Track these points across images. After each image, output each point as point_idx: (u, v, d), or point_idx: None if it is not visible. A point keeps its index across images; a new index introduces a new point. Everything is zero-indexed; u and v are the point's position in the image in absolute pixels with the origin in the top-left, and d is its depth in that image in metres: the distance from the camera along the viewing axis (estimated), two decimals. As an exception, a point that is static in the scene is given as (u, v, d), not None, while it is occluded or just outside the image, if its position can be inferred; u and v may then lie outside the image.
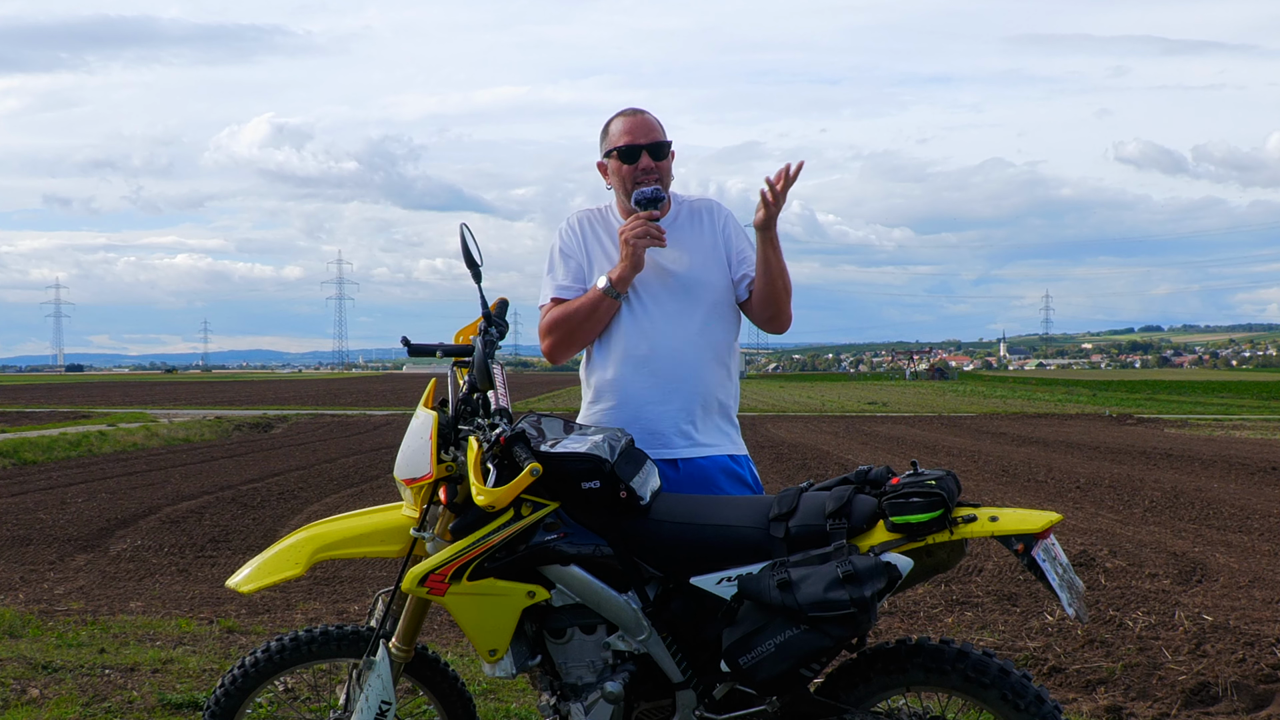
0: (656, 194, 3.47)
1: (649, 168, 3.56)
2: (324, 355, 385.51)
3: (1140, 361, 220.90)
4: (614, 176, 3.63)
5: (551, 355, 3.66)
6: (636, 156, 3.55)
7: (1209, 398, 49.50)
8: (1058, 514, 2.93)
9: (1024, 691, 2.89)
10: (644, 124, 3.59)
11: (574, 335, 3.59)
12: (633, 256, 3.43)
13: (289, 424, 28.69)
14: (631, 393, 3.55)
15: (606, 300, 3.51)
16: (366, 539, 3.24)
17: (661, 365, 3.53)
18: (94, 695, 5.07)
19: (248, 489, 13.45)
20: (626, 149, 3.56)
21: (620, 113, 3.65)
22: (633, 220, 3.45)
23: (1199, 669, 5.40)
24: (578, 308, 3.55)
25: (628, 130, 3.58)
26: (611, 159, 3.60)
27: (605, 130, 3.65)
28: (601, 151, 3.66)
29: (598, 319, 3.55)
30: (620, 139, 3.58)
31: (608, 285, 3.49)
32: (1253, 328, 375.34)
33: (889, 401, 45.87)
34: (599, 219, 3.71)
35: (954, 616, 6.84)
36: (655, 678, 3.08)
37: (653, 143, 3.57)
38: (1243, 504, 11.83)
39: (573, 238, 3.68)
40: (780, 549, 2.92)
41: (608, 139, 3.63)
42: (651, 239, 3.43)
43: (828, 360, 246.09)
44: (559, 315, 3.58)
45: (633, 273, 3.47)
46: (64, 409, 36.89)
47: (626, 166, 3.56)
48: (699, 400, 3.56)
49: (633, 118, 3.60)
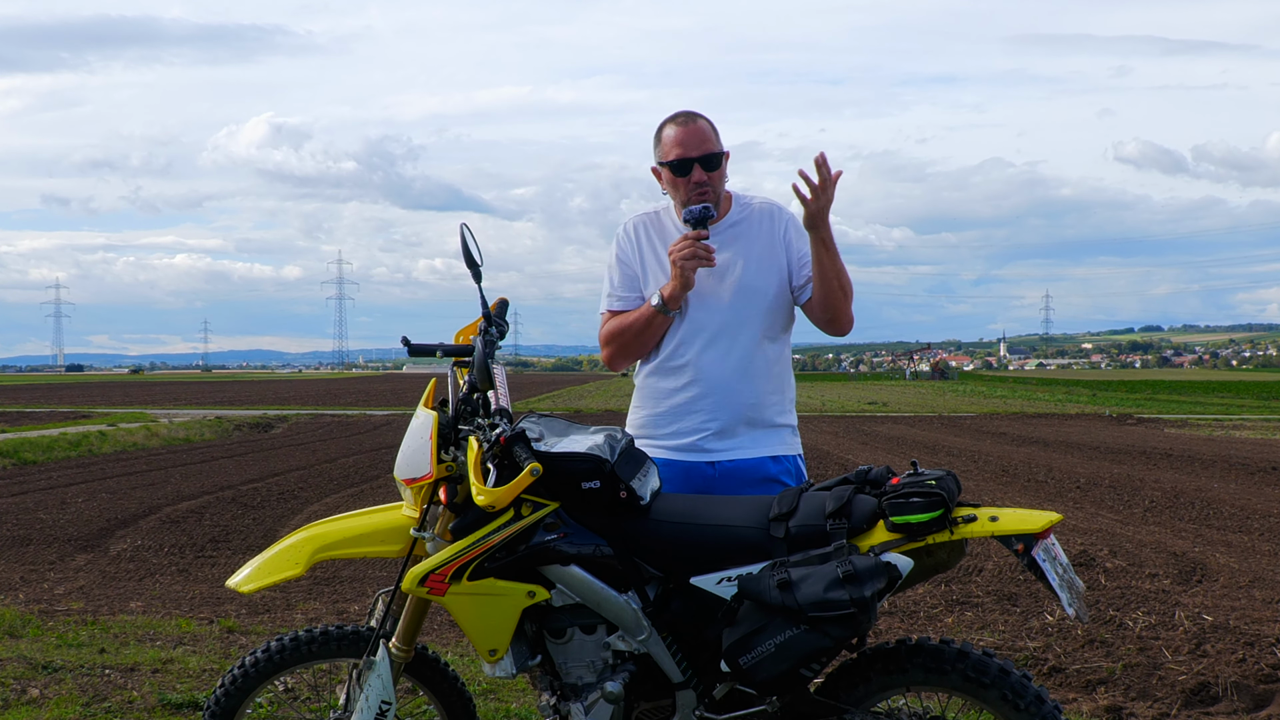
0: (706, 213, 3.39)
1: (702, 180, 3.47)
2: (324, 355, 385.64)
3: (1140, 361, 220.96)
4: (669, 186, 3.54)
5: (611, 363, 3.66)
6: (689, 170, 3.46)
7: (1209, 398, 49.49)
8: (1058, 514, 2.93)
9: (1024, 691, 2.89)
10: (696, 133, 3.46)
11: (629, 348, 3.60)
12: (682, 277, 3.39)
13: (289, 424, 28.69)
14: (677, 401, 3.54)
15: (659, 317, 3.49)
16: (366, 539, 3.24)
17: (717, 372, 3.51)
18: (94, 695, 5.07)
19: (248, 489, 13.45)
20: (678, 163, 3.46)
21: (672, 118, 3.52)
22: (681, 241, 3.39)
23: (1199, 669, 5.40)
24: (631, 322, 3.54)
25: (679, 141, 3.46)
26: (665, 170, 3.50)
27: (658, 136, 3.54)
28: (655, 158, 3.56)
29: (651, 333, 3.54)
30: (671, 151, 3.47)
31: (660, 303, 3.47)
32: (1253, 328, 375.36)
33: (889, 401, 45.87)
34: (654, 224, 3.65)
35: (954, 616, 6.84)
36: (655, 678, 3.08)
37: (705, 155, 3.46)
38: (1243, 504, 11.83)
39: (628, 245, 3.64)
40: (780, 549, 2.92)
41: (660, 148, 3.52)
42: (700, 260, 3.37)
43: (828, 360, 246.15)
44: (615, 328, 3.58)
45: (683, 292, 3.43)
46: (64, 409, 36.88)
47: (680, 179, 3.47)
48: (742, 412, 3.53)
49: (685, 127, 3.47)
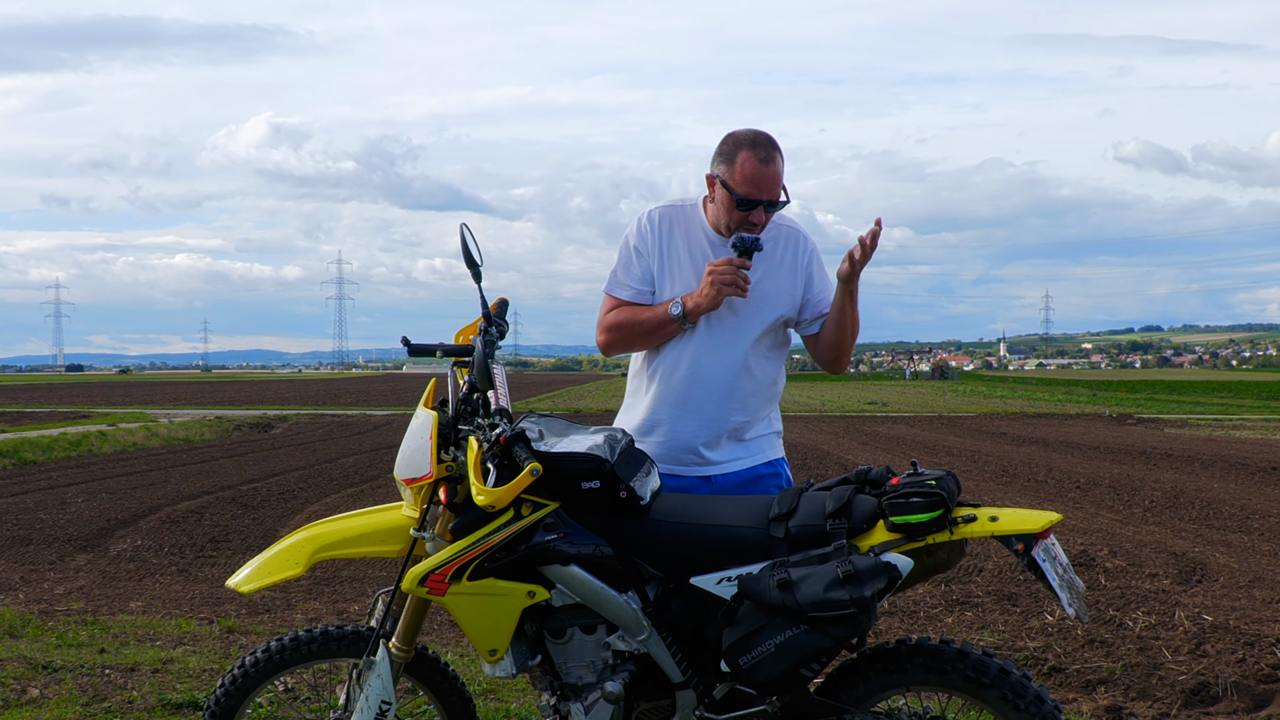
0: (756, 245, 3.36)
1: (758, 220, 3.43)
2: (324, 355, 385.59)
3: (1140, 361, 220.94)
4: (720, 206, 3.45)
5: (607, 350, 3.64)
6: (753, 208, 3.41)
7: (1209, 398, 49.49)
8: (1058, 514, 2.94)
9: (1024, 691, 2.90)
10: (772, 177, 3.38)
11: (633, 342, 3.58)
12: (714, 299, 3.37)
13: (289, 424, 28.69)
14: (670, 409, 3.53)
15: (674, 324, 3.47)
16: (366, 539, 3.25)
17: (716, 392, 3.50)
18: (94, 695, 5.07)
19: (248, 489, 13.44)
20: (745, 201, 3.38)
21: (751, 144, 3.39)
22: (725, 264, 3.35)
23: (1199, 669, 5.40)
24: (644, 320, 3.51)
25: (754, 180, 3.36)
26: (724, 192, 3.41)
27: (730, 154, 3.41)
28: (716, 168, 3.44)
29: (660, 336, 3.52)
30: (743, 185, 3.36)
31: (680, 313, 3.44)
32: (1253, 328, 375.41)
33: (889, 401, 45.86)
34: (681, 219, 3.57)
35: (954, 616, 6.84)
36: (655, 678, 3.08)
37: (771, 200, 3.42)
38: (1243, 504, 11.83)
39: (650, 234, 3.56)
40: (780, 549, 2.92)
41: (729, 169, 3.39)
42: (737, 289, 3.35)
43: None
44: (624, 319, 3.54)
45: (708, 310, 3.41)
46: (64, 409, 36.88)
47: (738, 212, 3.41)
48: (746, 425, 3.55)
49: (763, 167, 3.36)
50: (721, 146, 3.45)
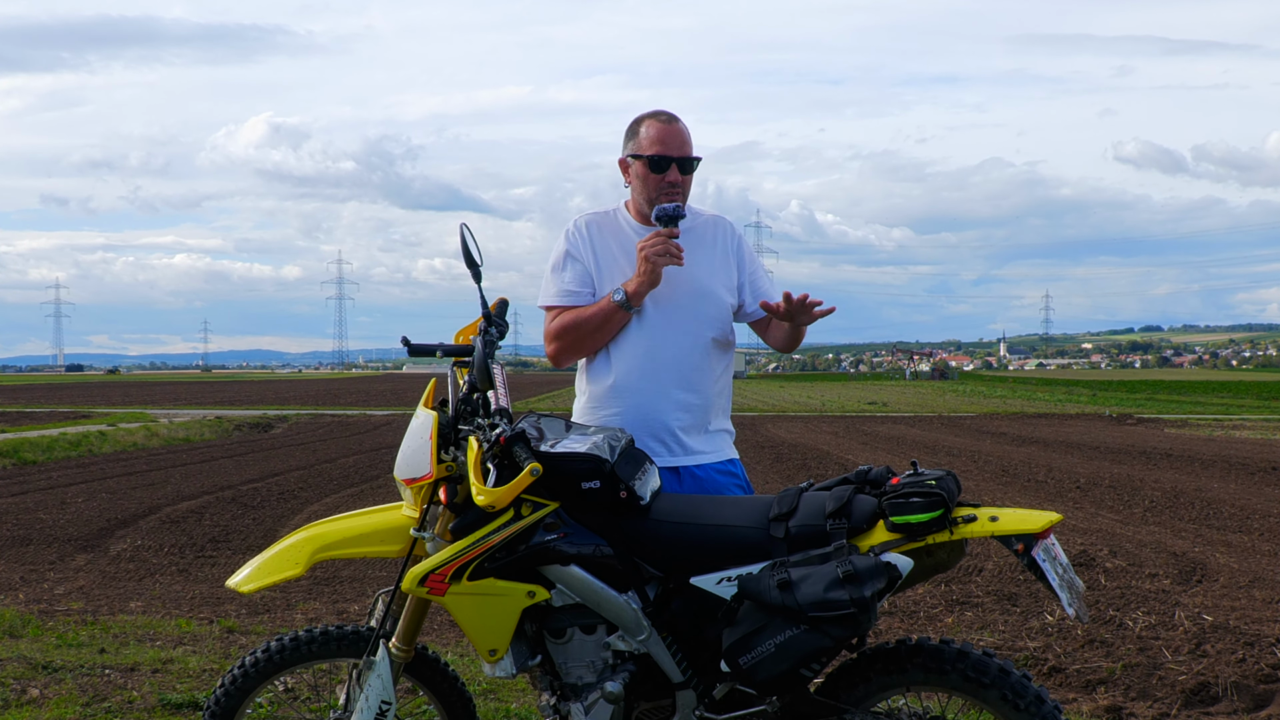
0: (678, 211, 3.43)
1: (675, 181, 3.51)
2: (324, 355, 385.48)
3: (1140, 361, 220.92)
4: (637, 180, 3.57)
5: (557, 359, 3.64)
6: (665, 168, 3.50)
7: (1209, 398, 49.49)
8: (1058, 514, 2.93)
9: (1024, 691, 2.89)
10: (677, 134, 3.52)
11: (582, 343, 3.57)
12: (651, 274, 3.41)
13: (289, 424, 28.69)
14: (632, 401, 3.53)
15: (620, 312, 3.49)
16: (366, 539, 3.25)
17: (663, 376, 3.52)
18: (94, 695, 5.07)
19: (248, 489, 13.45)
20: (657, 159, 3.50)
21: (653, 114, 3.56)
22: (654, 237, 3.42)
23: (1199, 669, 5.40)
24: (589, 316, 3.52)
25: (660, 139, 3.50)
26: (638, 163, 3.54)
27: (634, 130, 3.57)
28: (626, 150, 3.60)
29: (609, 329, 3.53)
30: (651, 147, 3.51)
31: (623, 298, 3.46)
32: (1253, 328, 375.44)
33: (889, 401, 45.86)
34: (607, 222, 3.66)
35: (954, 616, 6.84)
36: (655, 678, 3.08)
37: (684, 157, 3.52)
38: (1243, 504, 11.83)
39: (580, 241, 3.63)
40: (780, 549, 2.92)
41: (636, 141, 3.56)
42: (671, 257, 3.40)
43: (828, 360, 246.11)
44: (569, 321, 3.55)
45: (649, 288, 3.44)
46: (64, 409, 36.88)
47: (654, 176, 3.51)
48: (706, 411, 3.58)
49: (667, 126, 3.52)
50: (627, 131, 3.61)
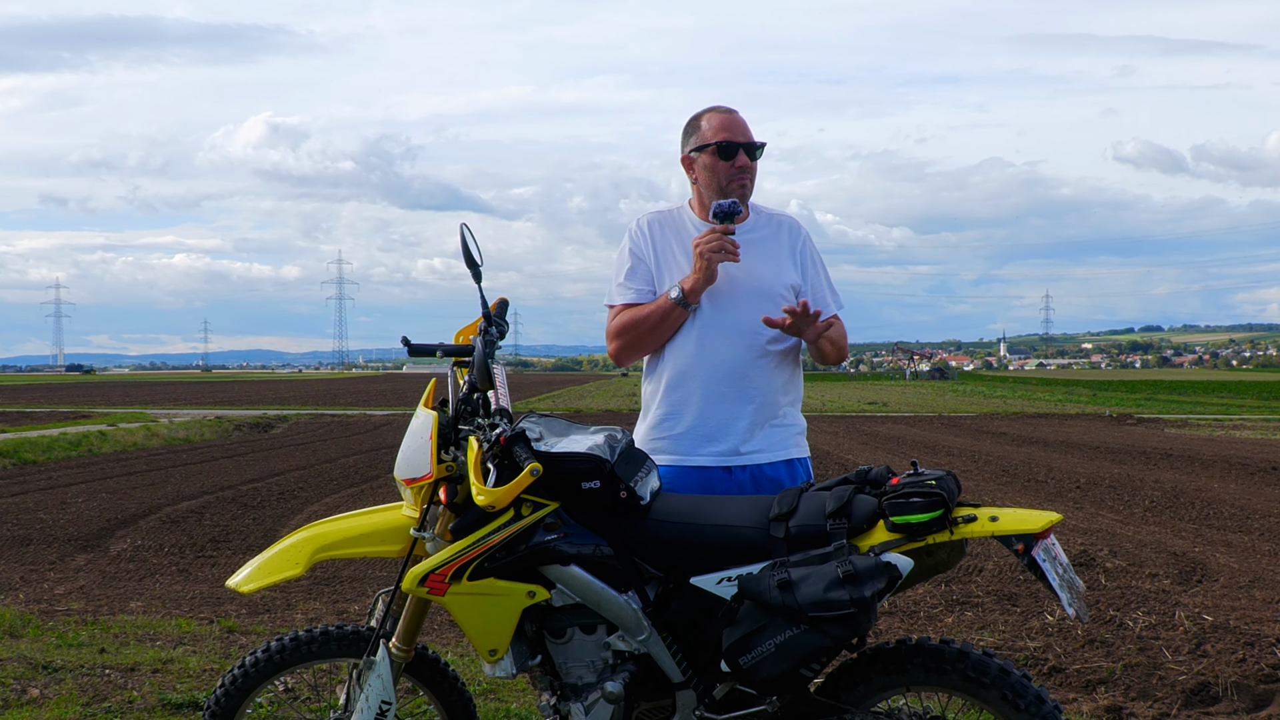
0: (734, 207, 3.43)
1: (745, 166, 3.53)
2: (324, 355, 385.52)
3: (1140, 361, 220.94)
4: (705, 172, 3.57)
5: (618, 358, 3.65)
6: (734, 154, 3.52)
7: (1209, 398, 49.49)
8: (1058, 514, 2.93)
9: (1024, 691, 2.89)
10: (739, 122, 3.56)
11: (642, 341, 3.58)
12: (706, 270, 3.41)
13: (289, 424, 28.69)
14: (695, 400, 3.53)
15: (677, 310, 3.49)
16: (366, 539, 3.24)
17: (727, 374, 3.51)
18: (94, 695, 5.07)
19: (248, 489, 13.45)
20: (726, 145, 3.51)
21: (713, 108, 3.61)
22: (709, 234, 3.41)
23: (1199, 669, 5.40)
24: (648, 314, 3.53)
25: (725, 126, 3.53)
26: (705, 154, 3.55)
27: (694, 126, 3.60)
28: (688, 146, 3.60)
29: (667, 327, 3.53)
30: (718, 134, 3.53)
31: (679, 296, 3.46)
32: (1253, 328, 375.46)
33: (889, 401, 45.85)
34: (670, 222, 3.66)
35: (954, 616, 6.84)
36: (655, 678, 3.08)
37: (750, 142, 3.54)
38: (1243, 504, 11.83)
39: (643, 240, 3.63)
40: (780, 549, 2.92)
41: (699, 134, 3.57)
42: (726, 254, 3.39)
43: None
44: (628, 320, 3.56)
45: (705, 285, 3.44)
46: (64, 409, 36.88)
47: (723, 164, 3.52)
48: (762, 410, 3.55)
49: (727, 115, 3.56)
50: (685, 129, 3.64)
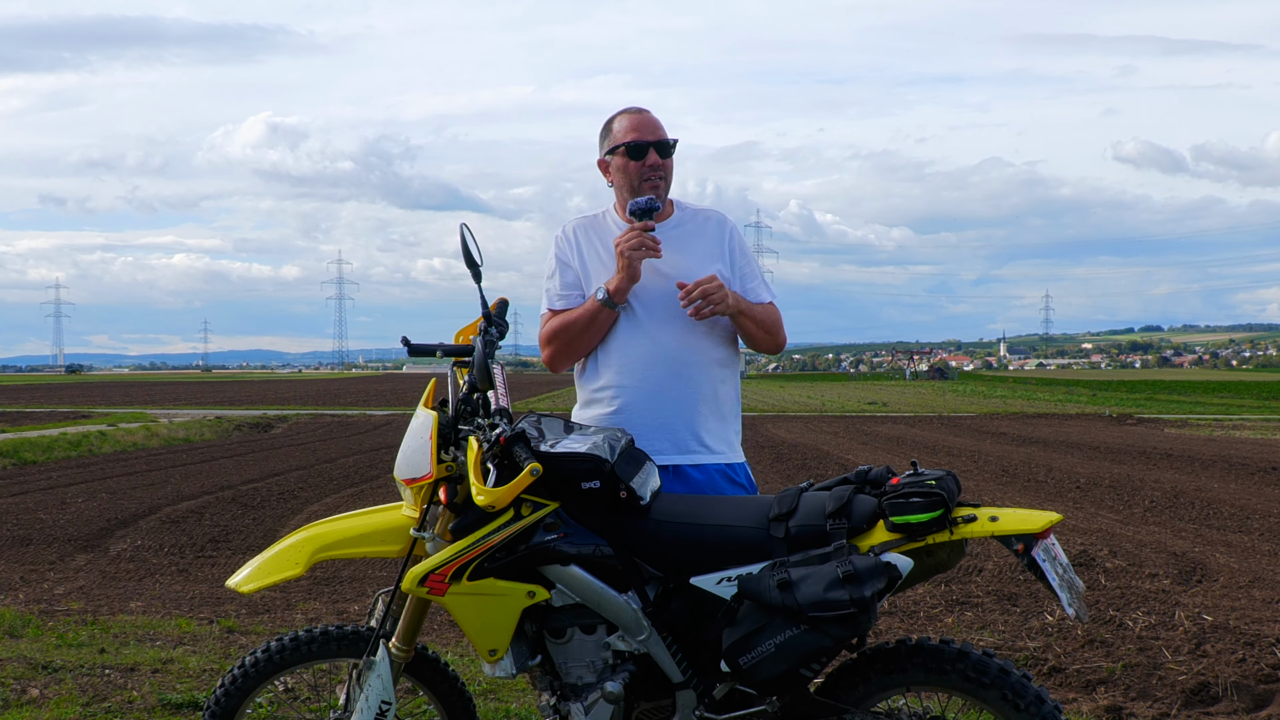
0: (651, 204, 3.45)
1: (656, 164, 3.56)
2: (324, 355, 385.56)
3: (1140, 361, 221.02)
4: (619, 174, 3.61)
5: (552, 364, 3.66)
6: (644, 153, 3.55)
7: (1209, 398, 49.49)
8: (1058, 514, 2.93)
9: (1024, 691, 2.89)
10: (649, 121, 3.60)
11: (573, 345, 3.58)
12: (628, 269, 3.42)
13: (289, 424, 28.69)
14: (629, 400, 3.53)
15: (604, 311, 3.50)
16: (366, 539, 3.24)
17: (661, 372, 3.51)
18: (94, 695, 5.07)
19: (248, 489, 13.45)
20: (634, 145, 3.55)
21: (623, 111, 3.66)
22: (628, 232, 3.43)
23: (1199, 669, 5.40)
24: (576, 318, 3.54)
25: (634, 127, 3.58)
26: (617, 156, 3.59)
27: (607, 129, 3.65)
28: (603, 150, 3.66)
29: (596, 329, 3.54)
30: (627, 135, 3.57)
31: (605, 296, 3.48)
32: (1253, 328, 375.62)
33: (889, 401, 45.87)
34: (594, 226, 3.69)
35: (954, 616, 6.84)
36: (655, 678, 3.07)
37: (659, 140, 3.58)
38: (1243, 504, 11.83)
39: (567, 246, 3.67)
40: (780, 549, 2.92)
41: (611, 137, 3.63)
42: (647, 250, 3.41)
43: (828, 360, 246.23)
44: (557, 325, 3.58)
45: (629, 284, 3.46)
46: (64, 409, 36.88)
47: (634, 163, 3.56)
48: (698, 409, 3.54)
49: (637, 115, 3.62)
50: (600, 134, 3.68)
